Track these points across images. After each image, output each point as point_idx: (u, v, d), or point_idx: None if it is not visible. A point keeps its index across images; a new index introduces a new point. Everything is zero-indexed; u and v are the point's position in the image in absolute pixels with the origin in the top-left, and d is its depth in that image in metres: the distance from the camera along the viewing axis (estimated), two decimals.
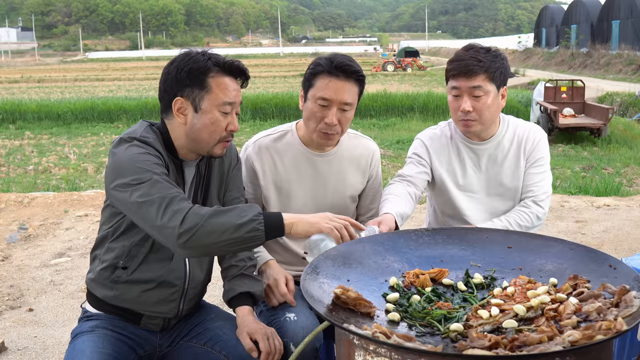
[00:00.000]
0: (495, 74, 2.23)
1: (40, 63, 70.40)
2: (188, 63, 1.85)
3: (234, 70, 1.90)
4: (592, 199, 6.49)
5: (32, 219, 5.79)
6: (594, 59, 31.50)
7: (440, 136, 2.44)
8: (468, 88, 2.22)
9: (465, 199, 2.40)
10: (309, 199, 2.29)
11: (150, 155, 1.78)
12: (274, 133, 2.32)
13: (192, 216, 1.63)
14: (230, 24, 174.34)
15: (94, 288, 1.97)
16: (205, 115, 1.86)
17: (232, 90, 1.88)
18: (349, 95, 2.12)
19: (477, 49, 2.27)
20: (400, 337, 1.30)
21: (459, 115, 2.27)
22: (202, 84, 1.84)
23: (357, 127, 14.81)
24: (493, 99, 2.25)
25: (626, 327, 1.28)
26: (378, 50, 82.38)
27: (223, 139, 1.90)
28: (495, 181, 2.38)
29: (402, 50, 43.88)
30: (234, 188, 2.08)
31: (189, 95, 1.85)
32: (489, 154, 2.37)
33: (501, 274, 1.74)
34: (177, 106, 1.87)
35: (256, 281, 2.05)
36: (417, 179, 2.37)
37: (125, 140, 1.82)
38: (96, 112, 17.09)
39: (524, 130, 2.39)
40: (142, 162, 1.74)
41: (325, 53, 2.27)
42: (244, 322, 1.96)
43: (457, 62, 2.25)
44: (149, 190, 1.68)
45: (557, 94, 13.78)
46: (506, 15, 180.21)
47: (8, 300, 3.96)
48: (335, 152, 2.30)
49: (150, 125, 1.93)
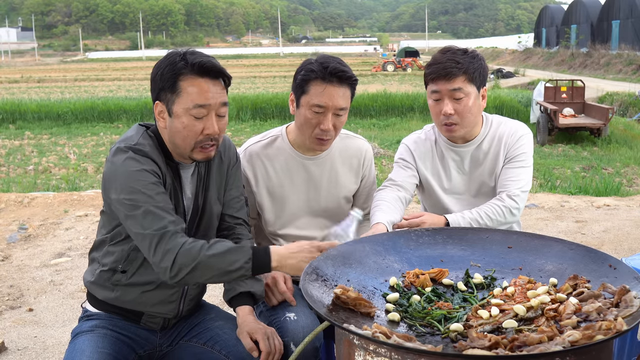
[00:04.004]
0: (474, 75, 2.21)
1: (40, 63, 70.40)
2: (162, 66, 1.81)
3: (208, 70, 1.80)
4: (592, 199, 6.50)
5: (32, 219, 5.79)
6: (594, 59, 31.49)
7: (425, 140, 2.43)
8: (448, 91, 2.19)
9: (453, 200, 2.40)
10: (303, 202, 2.29)
11: (146, 173, 1.76)
12: (263, 139, 2.31)
13: (183, 257, 1.68)
14: (230, 24, 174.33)
15: (94, 290, 1.97)
16: (177, 120, 1.80)
17: (206, 92, 1.79)
18: (343, 100, 2.11)
19: (454, 50, 2.24)
20: (400, 337, 1.30)
21: (441, 119, 2.25)
22: (173, 87, 1.79)
23: (357, 127, 14.82)
24: (474, 100, 2.23)
25: (626, 327, 1.28)
26: (378, 50, 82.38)
27: (200, 143, 1.82)
28: (479, 182, 2.38)
29: (402, 50, 43.86)
30: (234, 187, 2.07)
31: (164, 98, 1.81)
32: (471, 155, 2.35)
33: (501, 274, 1.75)
34: (157, 110, 1.84)
35: (257, 281, 2.05)
36: (406, 183, 2.37)
37: (122, 150, 1.79)
38: (96, 112, 17.09)
39: (507, 129, 2.35)
40: (137, 182, 1.74)
41: (316, 54, 2.24)
42: (244, 321, 1.96)
43: (435, 65, 2.22)
44: (142, 221, 1.71)
45: (557, 94, 13.77)
46: (506, 15, 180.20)
47: (8, 300, 3.96)
48: (327, 154, 2.29)
49: (146, 129, 1.90)
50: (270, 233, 2.32)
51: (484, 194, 2.39)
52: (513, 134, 2.34)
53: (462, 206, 2.39)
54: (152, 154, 1.81)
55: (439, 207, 2.43)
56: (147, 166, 1.78)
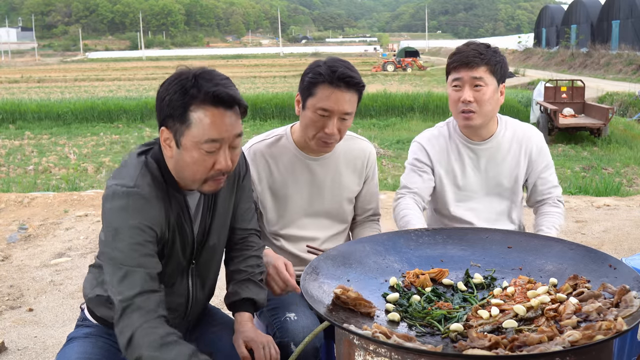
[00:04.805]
0: (495, 67, 2.25)
1: (40, 63, 70.39)
2: (170, 90, 1.62)
3: (223, 100, 1.61)
4: (592, 199, 6.49)
5: (32, 219, 5.80)
6: (594, 59, 31.50)
7: (439, 136, 2.43)
8: (470, 78, 2.24)
9: (463, 199, 2.40)
10: (306, 202, 2.28)
11: (141, 232, 1.62)
12: (268, 138, 2.30)
13: (134, 345, 1.57)
14: (230, 24, 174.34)
15: (93, 306, 1.91)
16: (186, 153, 1.64)
17: (220, 124, 1.61)
18: (350, 105, 2.10)
19: (477, 44, 2.31)
20: (400, 337, 1.30)
21: (459, 106, 2.28)
22: (182, 117, 1.61)
23: (357, 127, 14.81)
24: (493, 92, 2.27)
25: (626, 327, 1.28)
26: (378, 50, 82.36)
27: (211, 177, 1.68)
28: (495, 181, 2.39)
29: (402, 50, 43.87)
30: (245, 199, 2.00)
31: (171, 127, 1.64)
32: (489, 154, 2.37)
33: (501, 274, 1.75)
34: (164, 137, 1.67)
35: (261, 289, 1.98)
36: (424, 191, 2.37)
37: (119, 195, 1.64)
38: (96, 112, 17.10)
39: (524, 132, 2.41)
40: (127, 245, 1.61)
41: (324, 54, 2.23)
42: (241, 328, 1.91)
43: (458, 54, 2.28)
44: (120, 281, 1.61)
45: (557, 94, 13.78)
46: (506, 15, 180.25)
47: (8, 300, 3.96)
48: (330, 155, 2.29)
49: (146, 158, 1.72)
50: (272, 233, 2.32)
51: (497, 194, 2.40)
52: (536, 140, 2.42)
53: (472, 205, 2.40)
54: (150, 198, 1.65)
55: (446, 205, 2.42)
56: (142, 223, 1.63)
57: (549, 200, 2.45)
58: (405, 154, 3.04)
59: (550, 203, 2.45)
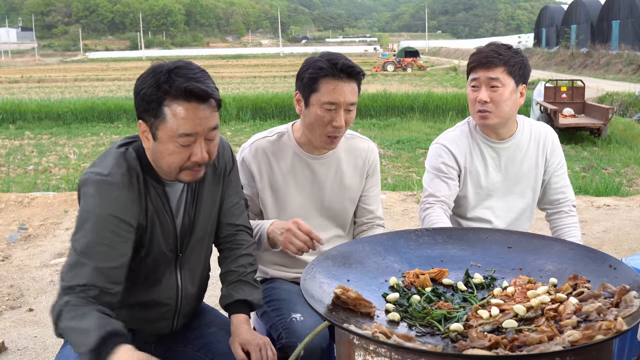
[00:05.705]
0: (513, 68, 2.26)
1: (40, 63, 70.40)
2: (145, 84, 1.65)
3: (195, 94, 1.63)
4: (592, 199, 6.49)
5: (32, 219, 5.80)
6: (594, 59, 31.49)
7: (461, 136, 2.42)
8: (486, 79, 2.25)
9: (483, 198, 2.41)
10: (307, 201, 2.27)
11: (107, 222, 1.64)
12: (270, 135, 2.29)
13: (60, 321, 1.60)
14: (230, 24, 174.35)
15: None
16: (162, 145, 1.67)
17: (193, 119, 1.63)
18: (354, 95, 2.11)
19: (498, 44, 2.32)
20: (400, 337, 1.30)
21: (476, 106, 2.30)
22: (157, 111, 1.64)
23: (357, 127, 14.80)
24: (510, 93, 2.27)
25: (626, 327, 1.28)
26: (378, 50, 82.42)
27: (187, 168, 1.71)
28: (514, 181, 2.41)
29: (402, 50, 43.86)
30: (233, 193, 2.00)
31: (147, 120, 1.67)
32: (509, 153, 2.39)
33: (501, 274, 1.74)
34: (141, 129, 1.71)
35: (255, 288, 1.98)
36: (450, 198, 2.36)
37: (91, 182, 1.67)
38: (96, 112, 17.09)
39: (539, 131, 2.44)
40: (88, 234, 1.64)
41: (316, 54, 2.22)
42: (237, 330, 1.89)
43: (477, 55, 2.30)
44: (69, 268, 1.63)
45: (557, 94, 13.77)
46: (506, 15, 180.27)
47: (8, 300, 3.96)
48: (332, 154, 2.28)
49: (126, 149, 1.75)
50: None
51: (514, 193, 2.42)
52: (551, 138, 2.45)
53: (491, 203, 2.41)
54: (123, 185, 1.68)
55: (463, 208, 2.42)
56: (117, 210, 1.66)
57: (564, 207, 2.48)
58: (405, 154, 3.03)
59: (566, 211, 2.49)
